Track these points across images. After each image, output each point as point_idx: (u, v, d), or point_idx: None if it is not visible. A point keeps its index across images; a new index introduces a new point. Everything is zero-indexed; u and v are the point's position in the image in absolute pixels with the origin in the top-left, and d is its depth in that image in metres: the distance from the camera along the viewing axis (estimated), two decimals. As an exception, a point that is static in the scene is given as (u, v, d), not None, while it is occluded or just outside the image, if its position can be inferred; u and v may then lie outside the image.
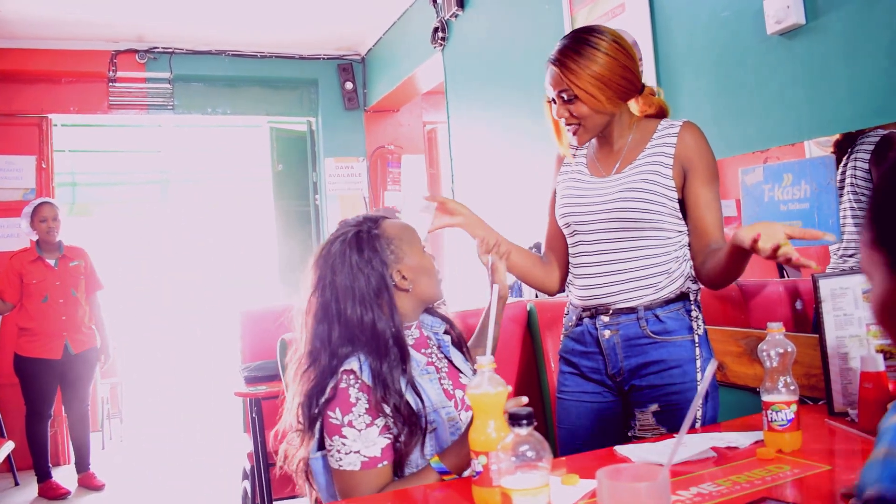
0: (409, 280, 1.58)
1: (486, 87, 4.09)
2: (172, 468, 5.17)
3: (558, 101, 1.72)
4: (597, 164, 1.83)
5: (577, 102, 1.70)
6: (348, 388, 1.45)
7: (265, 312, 3.81)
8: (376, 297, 1.52)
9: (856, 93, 1.90)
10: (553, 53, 1.72)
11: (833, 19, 1.95)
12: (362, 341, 1.50)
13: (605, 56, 1.68)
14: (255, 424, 3.00)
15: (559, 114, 1.74)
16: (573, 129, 1.75)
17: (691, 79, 2.48)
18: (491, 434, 1.19)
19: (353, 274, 1.52)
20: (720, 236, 1.72)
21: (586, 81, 1.67)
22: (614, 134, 1.80)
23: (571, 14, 3.11)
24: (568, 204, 1.82)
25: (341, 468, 1.43)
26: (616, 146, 1.81)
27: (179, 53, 5.60)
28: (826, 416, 1.71)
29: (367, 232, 1.57)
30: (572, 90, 1.68)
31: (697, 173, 1.72)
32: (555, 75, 1.70)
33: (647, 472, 0.93)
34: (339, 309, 1.51)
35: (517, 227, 3.61)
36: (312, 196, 6.32)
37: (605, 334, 1.77)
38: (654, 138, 1.77)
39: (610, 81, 1.69)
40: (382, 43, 5.68)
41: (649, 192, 1.72)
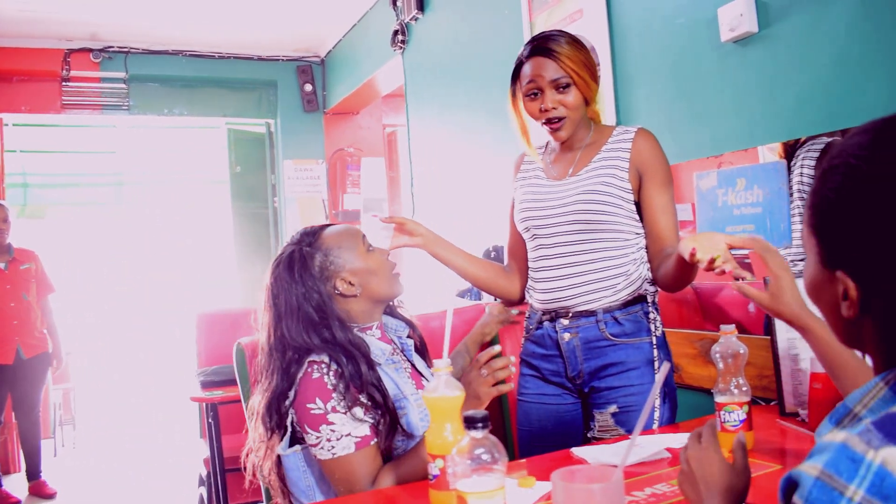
0: (357, 285, 1.59)
1: (445, 91, 4.10)
2: (127, 475, 5.08)
3: (550, 92, 1.71)
4: (553, 168, 1.85)
5: (570, 90, 1.71)
6: (322, 376, 1.46)
7: (222, 315, 3.76)
8: (319, 315, 1.53)
9: (806, 99, 1.95)
10: (536, 46, 1.73)
11: (784, 28, 1.99)
12: (314, 350, 1.51)
13: (583, 48, 1.74)
14: (212, 430, 2.96)
15: (550, 104, 1.71)
16: (557, 124, 1.74)
17: (647, 84, 2.51)
18: (448, 437, 1.19)
19: (291, 296, 1.53)
20: (675, 240, 1.74)
21: (580, 67, 1.71)
22: (575, 135, 1.81)
23: (530, 19, 3.14)
24: (527, 208, 1.83)
25: (336, 456, 1.43)
26: (574, 148, 1.82)
27: (135, 53, 5.51)
28: (778, 416, 1.74)
29: (299, 252, 1.58)
30: (570, 76, 1.70)
31: (652, 178, 1.75)
32: (547, 65, 1.70)
33: (602, 473, 0.94)
34: (287, 329, 1.52)
35: (476, 230, 3.62)
36: (271, 198, 6.27)
37: (565, 337, 1.78)
38: (609, 142, 1.79)
39: (593, 72, 1.74)
40: (342, 45, 5.66)
41: (606, 193, 1.73)
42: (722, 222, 2.20)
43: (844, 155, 0.71)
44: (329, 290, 1.57)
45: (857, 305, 0.71)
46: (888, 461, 0.58)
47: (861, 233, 0.69)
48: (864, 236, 0.68)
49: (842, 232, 0.71)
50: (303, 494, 1.55)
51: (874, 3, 1.76)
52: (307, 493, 1.54)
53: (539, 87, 1.72)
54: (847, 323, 0.74)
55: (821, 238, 0.74)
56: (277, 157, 6.19)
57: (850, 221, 0.69)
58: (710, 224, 2.24)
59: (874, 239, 0.67)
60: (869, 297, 0.70)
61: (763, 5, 2.04)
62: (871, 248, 0.68)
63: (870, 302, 0.70)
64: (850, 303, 0.71)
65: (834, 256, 0.73)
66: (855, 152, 0.70)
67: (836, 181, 0.71)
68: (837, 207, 0.71)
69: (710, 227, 2.25)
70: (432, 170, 4.37)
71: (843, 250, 0.71)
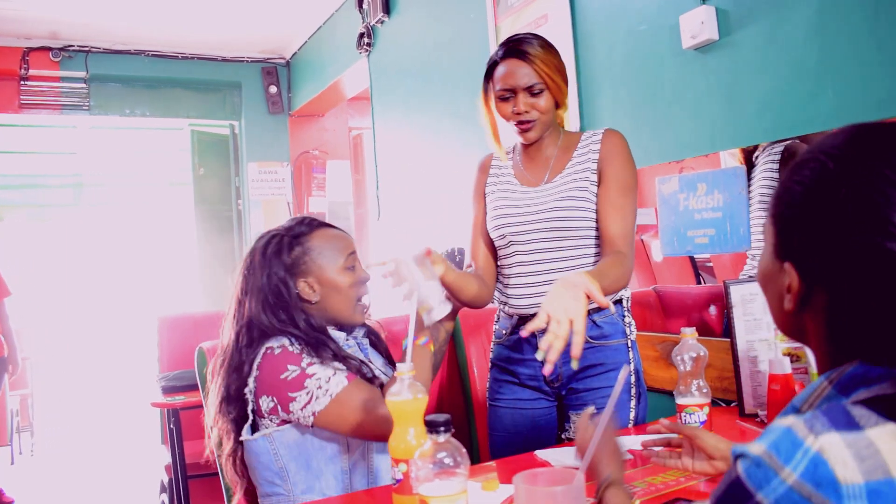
0: (317, 293, 1.59)
1: (411, 94, 4.09)
2: (86, 483, 4.99)
3: (523, 95, 1.71)
4: (525, 174, 1.84)
5: (544, 94, 1.72)
6: (284, 349, 1.49)
7: (184, 319, 3.71)
8: (277, 301, 1.55)
9: (765, 106, 1.98)
10: (511, 48, 1.73)
11: (745, 36, 2.03)
12: (273, 333, 1.53)
13: (556, 53, 1.75)
14: (173, 435, 2.92)
15: (523, 107, 1.71)
16: (529, 125, 1.74)
17: (610, 90, 2.53)
18: (411, 441, 1.18)
19: (258, 275, 1.57)
20: (622, 245, 1.70)
21: (553, 72, 1.71)
22: (546, 140, 1.81)
23: (496, 23, 3.15)
24: (502, 216, 1.81)
25: (335, 395, 1.45)
26: (546, 153, 1.82)
27: (96, 52, 5.42)
28: (738, 417, 1.77)
29: (280, 239, 1.60)
30: (544, 81, 1.70)
31: (611, 178, 1.74)
32: (521, 68, 1.70)
33: (564, 475, 0.94)
34: (249, 306, 1.56)
35: (440, 232, 3.63)
36: (235, 201, 6.21)
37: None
38: (579, 147, 1.80)
39: (565, 76, 1.76)
40: (308, 47, 5.63)
41: (582, 199, 1.74)
42: (683, 226, 2.23)
43: (817, 152, 0.72)
44: (293, 284, 1.57)
45: (796, 299, 0.73)
46: (825, 449, 0.60)
47: (814, 228, 0.70)
48: (816, 231, 0.70)
49: (797, 224, 0.73)
50: (276, 476, 1.54)
51: (830, 13, 1.80)
52: (280, 474, 1.53)
53: (513, 90, 1.72)
54: (788, 316, 0.76)
55: (777, 228, 0.76)
56: (241, 159, 6.13)
57: (807, 215, 0.71)
58: (673, 228, 2.27)
59: (824, 235, 0.69)
60: (810, 293, 0.72)
61: (723, 14, 2.08)
62: (820, 243, 0.70)
63: (811, 297, 0.72)
64: (791, 296, 0.74)
65: (785, 247, 0.74)
66: (827, 150, 0.71)
67: (803, 175, 0.73)
68: (799, 200, 0.72)
69: (672, 231, 2.28)
70: (398, 172, 4.37)
71: (795, 242, 0.73)
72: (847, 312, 0.69)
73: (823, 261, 0.70)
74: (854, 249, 0.67)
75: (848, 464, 0.59)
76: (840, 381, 0.69)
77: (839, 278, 0.69)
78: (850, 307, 0.69)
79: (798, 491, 0.60)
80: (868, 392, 0.66)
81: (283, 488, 1.54)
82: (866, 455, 0.60)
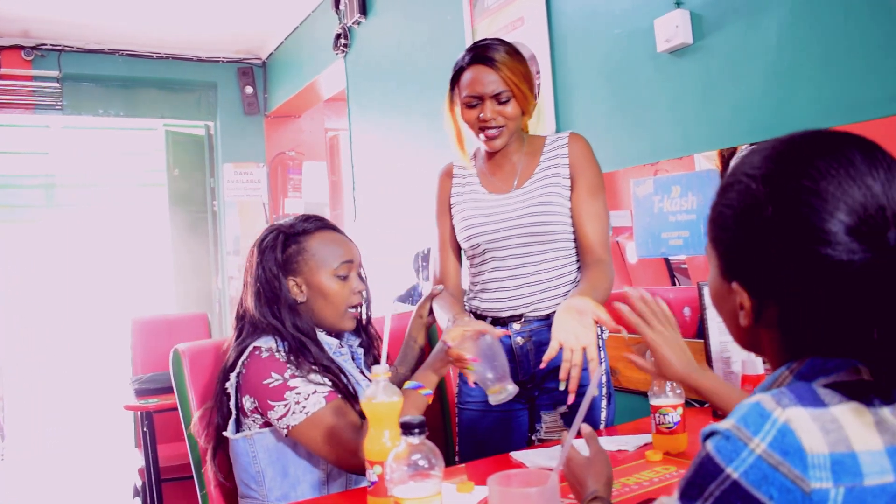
0: (304, 294, 1.59)
1: (387, 95, 4.09)
2: (59, 487, 4.92)
3: (490, 102, 1.70)
4: (493, 181, 1.83)
5: (511, 102, 1.71)
6: (272, 354, 1.49)
7: (158, 321, 3.68)
8: (268, 295, 1.56)
9: (739, 109, 2.00)
10: (478, 56, 1.71)
11: (718, 40, 2.05)
12: (265, 327, 1.54)
13: (523, 60, 1.74)
14: (147, 439, 2.89)
15: (490, 115, 1.70)
16: (495, 132, 1.73)
17: (586, 92, 2.55)
18: (386, 444, 1.18)
19: (255, 266, 1.58)
20: (602, 251, 1.73)
21: (520, 80, 1.70)
22: (511, 146, 1.80)
23: (472, 25, 3.16)
24: (475, 224, 1.80)
25: (310, 414, 1.44)
26: (512, 160, 1.82)
27: (69, 51, 5.35)
28: (711, 417, 1.78)
29: (277, 234, 1.61)
30: (510, 90, 1.69)
31: (583, 184, 1.76)
32: (487, 75, 1.69)
33: (538, 477, 0.94)
34: (244, 297, 1.60)
35: (415, 233, 3.62)
36: (210, 202, 6.16)
37: (518, 341, 1.77)
38: (545, 152, 1.80)
39: (532, 84, 1.75)
40: (284, 48, 5.60)
41: (555, 203, 1.75)
42: (658, 228, 2.25)
43: (738, 173, 0.76)
44: (283, 281, 1.57)
45: (751, 315, 0.76)
46: (792, 420, 0.63)
47: (752, 247, 0.73)
48: (755, 250, 0.73)
49: (736, 245, 0.76)
50: (252, 480, 1.54)
51: (802, 18, 1.83)
52: (256, 478, 1.53)
53: (479, 97, 1.71)
54: (745, 332, 0.80)
55: (719, 251, 0.79)
56: (217, 160, 6.09)
57: (743, 236, 0.74)
58: (648, 230, 2.29)
59: (763, 252, 0.72)
60: (762, 308, 0.75)
61: (697, 18, 2.10)
62: (761, 260, 0.72)
63: (763, 312, 0.75)
64: (745, 313, 0.76)
65: (731, 268, 0.77)
66: (748, 172, 0.74)
67: (730, 199, 0.76)
68: (731, 223, 0.76)
69: (647, 233, 2.29)
70: (374, 174, 4.36)
71: (738, 263, 0.76)
72: (799, 320, 0.72)
73: (768, 276, 0.72)
74: (794, 261, 0.69)
75: (814, 434, 0.63)
76: (800, 371, 0.72)
77: (786, 290, 0.71)
78: (801, 315, 0.72)
79: (767, 460, 0.62)
80: (827, 379, 0.69)
81: (258, 493, 1.54)
82: (831, 429, 0.63)
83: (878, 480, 0.62)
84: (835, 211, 0.67)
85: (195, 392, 1.70)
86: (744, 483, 0.63)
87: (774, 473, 0.62)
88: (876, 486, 0.62)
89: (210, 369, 1.73)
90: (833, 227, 0.67)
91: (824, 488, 0.61)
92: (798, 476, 0.61)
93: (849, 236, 0.66)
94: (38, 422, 6.89)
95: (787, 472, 0.62)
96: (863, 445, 0.63)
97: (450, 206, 1.88)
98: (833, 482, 0.61)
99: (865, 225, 0.66)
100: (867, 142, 0.71)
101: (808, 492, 0.61)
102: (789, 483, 0.61)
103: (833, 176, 0.68)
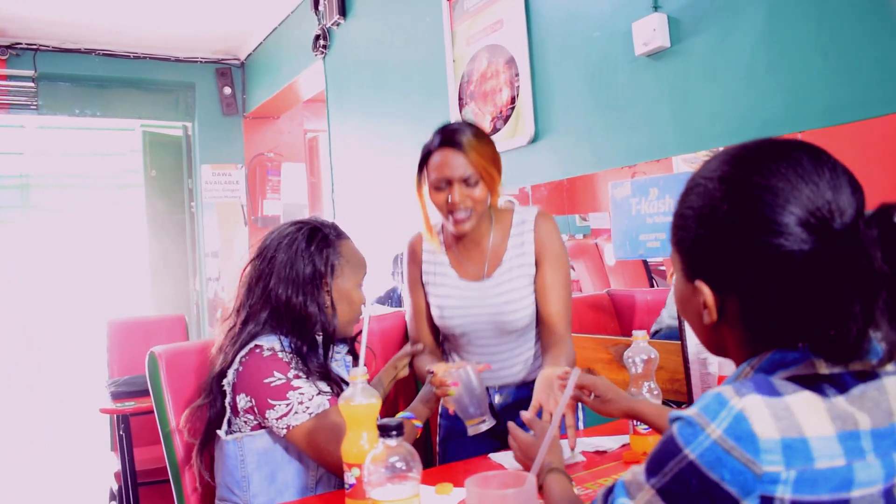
0: (331, 296, 1.60)
1: (367, 96, 4.08)
2: (33, 491, 4.86)
3: (458, 186, 1.70)
4: (464, 265, 1.84)
5: (479, 185, 1.71)
6: (274, 353, 1.48)
7: (135, 323, 3.65)
8: (309, 284, 1.55)
9: (716, 112, 2.02)
10: (446, 139, 1.72)
11: (695, 43, 2.06)
12: (287, 322, 1.53)
13: (491, 143, 1.76)
14: (123, 442, 2.86)
15: (458, 198, 1.70)
16: (464, 215, 1.72)
17: (565, 95, 2.56)
18: (364, 446, 1.18)
19: (295, 257, 1.56)
20: (563, 330, 1.77)
21: (489, 163, 1.71)
22: (481, 228, 1.80)
23: (451, 28, 3.16)
24: (449, 316, 1.82)
25: (313, 414, 1.44)
26: (481, 245, 1.82)
27: (45, 50, 5.30)
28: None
29: (325, 233, 1.61)
30: (479, 172, 1.70)
31: (547, 264, 1.78)
32: (455, 159, 1.69)
33: (515, 478, 0.95)
34: (269, 286, 1.55)
35: (394, 235, 3.62)
36: (188, 203, 6.12)
37: (497, 399, 1.85)
38: (512, 234, 1.81)
39: (499, 166, 1.76)
40: (263, 48, 5.58)
41: (525, 295, 1.78)
42: (636, 230, 2.26)
43: (698, 178, 0.81)
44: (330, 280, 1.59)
45: (714, 311, 0.80)
46: (747, 408, 0.68)
47: (712, 244, 0.78)
48: (714, 246, 0.78)
49: (697, 244, 0.80)
50: (236, 485, 1.53)
51: (777, 23, 1.85)
52: (240, 483, 1.52)
53: (447, 181, 1.70)
54: (710, 331, 0.84)
55: (681, 253, 0.84)
56: (195, 161, 6.04)
57: (703, 234, 0.79)
58: (625, 232, 2.30)
59: (722, 248, 0.77)
60: (724, 304, 0.79)
61: (675, 21, 2.11)
62: (720, 256, 0.77)
63: (725, 308, 0.79)
64: (708, 310, 0.80)
65: (692, 268, 0.82)
66: (705, 175, 0.80)
67: (691, 201, 0.81)
68: (692, 224, 0.80)
69: (625, 235, 2.31)
70: (353, 175, 4.35)
71: (700, 261, 0.81)
72: (760, 313, 0.76)
73: (727, 271, 0.77)
74: (750, 254, 0.74)
75: (766, 421, 0.68)
76: (761, 366, 0.77)
77: (745, 283, 0.76)
78: (761, 307, 0.76)
79: (721, 445, 0.68)
80: (786, 373, 0.74)
81: (241, 498, 1.52)
82: (783, 416, 0.68)
83: (828, 464, 0.67)
84: (786, 204, 0.72)
85: (172, 395, 1.69)
86: (699, 464, 0.69)
87: (727, 457, 0.67)
88: (827, 468, 0.67)
89: (187, 372, 1.72)
90: (784, 218, 0.72)
91: (776, 471, 0.66)
92: (750, 459, 0.66)
93: (799, 227, 0.71)
94: (12, 425, 6.81)
95: (739, 455, 0.67)
96: (814, 431, 0.68)
97: (422, 283, 1.89)
98: (785, 465, 0.66)
99: (814, 217, 0.71)
100: (814, 147, 0.76)
101: (759, 474, 0.66)
102: (741, 466, 0.67)
103: (783, 174, 0.73)
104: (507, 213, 1.84)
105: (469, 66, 3.05)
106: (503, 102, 2.84)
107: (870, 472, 0.68)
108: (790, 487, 0.66)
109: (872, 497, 0.68)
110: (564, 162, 2.58)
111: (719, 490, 0.68)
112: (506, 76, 2.82)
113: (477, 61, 3.00)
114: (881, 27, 1.63)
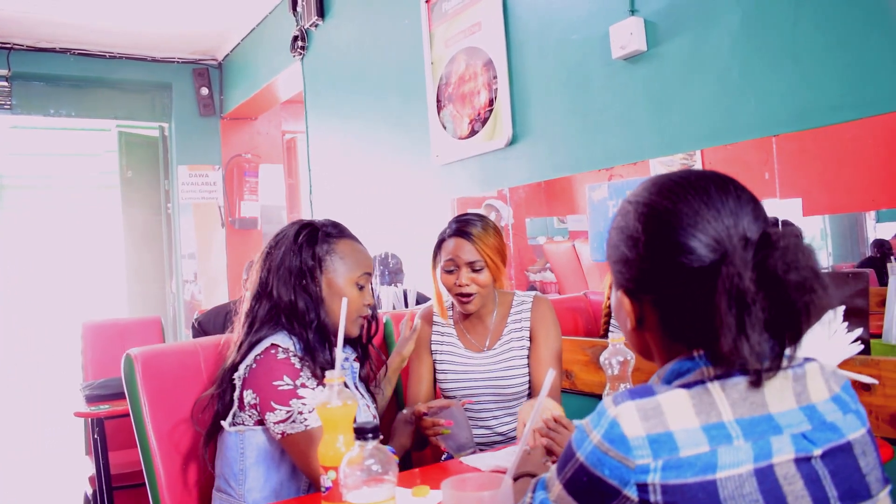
0: (323, 293, 1.62)
1: (344, 98, 4.07)
2: (6, 495, 4.80)
3: (465, 270, 1.92)
4: (469, 338, 2.05)
5: (484, 271, 1.93)
6: (288, 357, 1.51)
7: (110, 325, 3.61)
8: (298, 280, 1.59)
9: (692, 115, 2.04)
10: (458, 229, 1.95)
11: (672, 47, 2.08)
12: (283, 317, 1.57)
13: (499, 234, 1.99)
14: (98, 446, 2.83)
15: (462, 282, 1.92)
16: (469, 298, 1.94)
17: (543, 98, 2.57)
18: (340, 448, 1.18)
19: (285, 253, 1.61)
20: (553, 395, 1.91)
21: (494, 253, 1.94)
22: (485, 308, 2.02)
23: (430, 29, 3.16)
24: (454, 379, 2.01)
25: (309, 428, 1.46)
26: (485, 322, 2.04)
27: (19, 49, 5.24)
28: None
29: (322, 231, 1.66)
30: (484, 261, 1.92)
31: (541, 340, 1.98)
32: (465, 247, 1.93)
33: (491, 480, 0.95)
34: (269, 282, 1.61)
35: (372, 237, 3.61)
36: (164, 204, 6.07)
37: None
38: (512, 313, 2.03)
39: (504, 257, 1.99)
40: (240, 49, 5.55)
41: (520, 365, 1.97)
42: (613, 233, 2.27)
43: (625, 201, 0.92)
44: (320, 276, 1.62)
45: (633, 318, 0.91)
46: (620, 414, 0.79)
47: (629, 260, 0.89)
48: (631, 263, 0.88)
49: (619, 259, 0.91)
50: (233, 477, 1.55)
51: (752, 28, 1.87)
52: (237, 476, 1.55)
53: (456, 265, 1.93)
54: (636, 336, 0.94)
55: (610, 267, 0.94)
56: (172, 161, 6.00)
57: (623, 251, 0.90)
58: (602, 234, 2.31)
59: (637, 264, 0.88)
60: (643, 312, 0.90)
61: (651, 25, 2.13)
62: (637, 271, 0.88)
63: (645, 317, 0.90)
64: (629, 316, 0.91)
65: (617, 280, 0.93)
66: (630, 199, 0.91)
67: (617, 221, 0.92)
68: (615, 241, 0.92)
69: (602, 237, 2.32)
70: (331, 176, 4.34)
71: (621, 274, 0.91)
72: (671, 321, 0.87)
73: (642, 283, 0.88)
74: (658, 269, 0.85)
75: (634, 423, 0.78)
76: (664, 378, 0.87)
77: (659, 296, 0.87)
78: (674, 317, 0.87)
79: (599, 447, 0.80)
80: (681, 381, 0.84)
81: (235, 492, 1.55)
82: (651, 414, 0.79)
83: (693, 451, 0.77)
84: (689, 228, 0.83)
85: (148, 398, 1.68)
86: (586, 464, 0.81)
87: (605, 457, 0.79)
88: (692, 455, 0.76)
89: (164, 375, 1.71)
90: (688, 240, 0.82)
91: (645, 462, 0.77)
92: (623, 456, 0.78)
93: (701, 248, 0.82)
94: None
95: (614, 455, 0.78)
96: (678, 425, 0.78)
97: (431, 350, 2.07)
98: (653, 456, 0.77)
99: (714, 240, 0.82)
100: (724, 177, 0.87)
101: (632, 467, 0.77)
102: (617, 462, 0.78)
103: (689, 200, 0.84)
104: (509, 295, 2.07)
105: (447, 69, 3.06)
106: (481, 105, 2.85)
107: (737, 454, 0.77)
108: (658, 475, 0.76)
109: (741, 477, 0.76)
110: (542, 164, 2.59)
111: (603, 483, 0.79)
112: (484, 78, 2.83)
113: (455, 63, 3.00)
114: (850, 34, 1.66)
